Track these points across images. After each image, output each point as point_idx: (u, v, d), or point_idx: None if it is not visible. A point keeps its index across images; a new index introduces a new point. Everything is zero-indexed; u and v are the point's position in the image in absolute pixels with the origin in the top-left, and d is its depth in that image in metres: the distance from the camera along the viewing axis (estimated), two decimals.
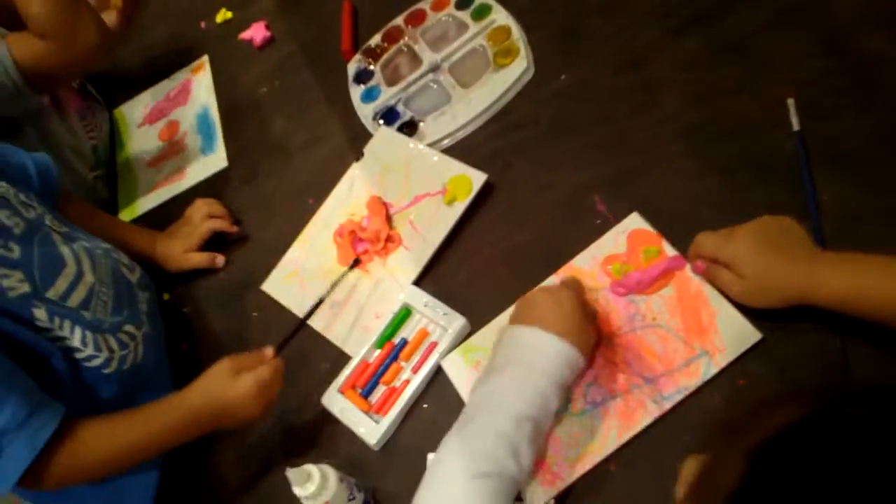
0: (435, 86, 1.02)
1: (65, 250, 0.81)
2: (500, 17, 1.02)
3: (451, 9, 1.07)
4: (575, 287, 0.72)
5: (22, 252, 0.75)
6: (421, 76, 1.03)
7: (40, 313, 0.75)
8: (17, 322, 0.72)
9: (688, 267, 0.74)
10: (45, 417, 0.70)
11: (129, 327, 0.86)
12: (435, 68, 1.03)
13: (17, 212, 0.78)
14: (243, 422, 0.77)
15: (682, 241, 0.75)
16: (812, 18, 0.84)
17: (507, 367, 0.66)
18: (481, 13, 1.04)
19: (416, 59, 1.05)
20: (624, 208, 0.81)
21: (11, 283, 0.73)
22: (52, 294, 0.77)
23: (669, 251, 0.76)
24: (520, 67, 0.96)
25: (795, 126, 0.77)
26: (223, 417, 0.77)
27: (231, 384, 0.75)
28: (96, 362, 0.80)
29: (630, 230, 0.79)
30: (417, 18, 1.09)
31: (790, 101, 0.79)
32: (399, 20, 1.11)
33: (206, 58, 1.27)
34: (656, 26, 0.92)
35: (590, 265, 0.79)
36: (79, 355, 0.78)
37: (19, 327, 0.72)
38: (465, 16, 1.05)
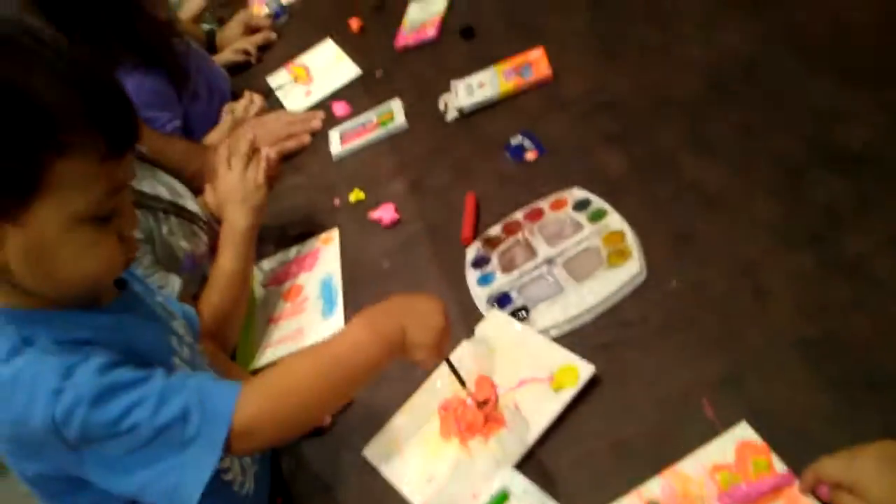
0: (549, 278, 1.07)
1: None
2: (615, 221, 1.09)
3: (568, 209, 1.15)
4: None
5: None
6: (535, 267, 1.09)
7: None
8: None
9: (796, 484, 0.73)
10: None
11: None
12: (549, 261, 1.09)
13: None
14: (425, 335, 0.83)
15: (791, 455, 0.75)
16: None
17: None
18: (597, 216, 1.11)
19: (531, 251, 1.12)
20: (732, 414, 0.81)
21: None
22: None
23: (779, 466, 0.75)
24: (632, 269, 1.01)
25: None
26: (406, 318, 0.83)
27: (414, 294, 0.90)
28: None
29: (739, 440, 0.79)
30: (536, 215, 1.17)
31: None
32: (518, 214, 1.19)
33: (336, 230, 1.38)
34: (768, 238, 0.96)
35: (697, 472, 0.78)
36: None
37: None
38: (581, 217, 1.12)
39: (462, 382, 0.93)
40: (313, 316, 1.24)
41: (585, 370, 0.91)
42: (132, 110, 0.74)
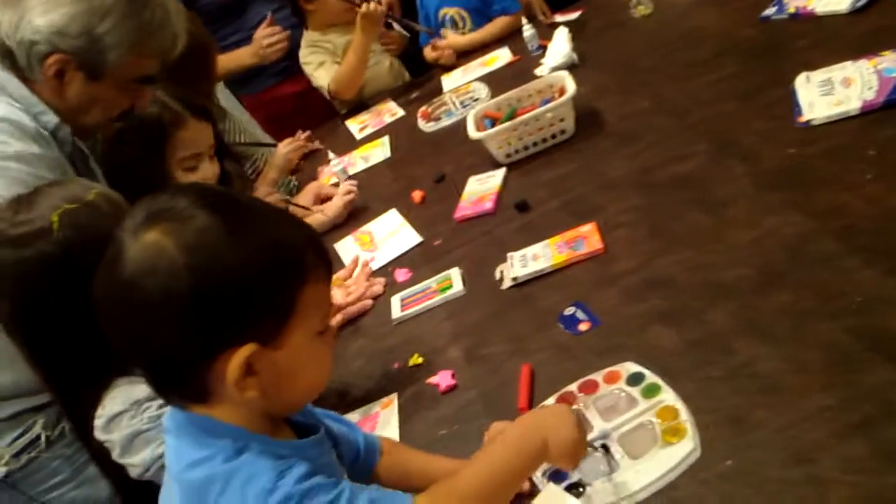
0: (604, 453, 1.09)
1: None
2: (669, 397, 1.12)
3: (622, 383, 1.18)
4: None
5: None
6: (590, 442, 1.12)
7: None
8: None
9: None
10: None
11: None
12: (605, 436, 1.11)
13: None
14: (564, 447, 1.00)
15: None
16: None
17: None
18: (651, 391, 1.14)
19: (587, 425, 1.15)
20: None
21: None
22: None
23: None
24: (687, 448, 1.03)
25: None
26: (547, 432, 0.99)
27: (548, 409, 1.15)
28: None
29: None
30: (590, 387, 1.21)
31: None
32: (573, 386, 1.23)
33: (395, 395, 1.43)
34: (823, 427, 0.97)
35: None
36: None
37: None
38: (635, 391, 1.16)
39: None
40: None
41: None
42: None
